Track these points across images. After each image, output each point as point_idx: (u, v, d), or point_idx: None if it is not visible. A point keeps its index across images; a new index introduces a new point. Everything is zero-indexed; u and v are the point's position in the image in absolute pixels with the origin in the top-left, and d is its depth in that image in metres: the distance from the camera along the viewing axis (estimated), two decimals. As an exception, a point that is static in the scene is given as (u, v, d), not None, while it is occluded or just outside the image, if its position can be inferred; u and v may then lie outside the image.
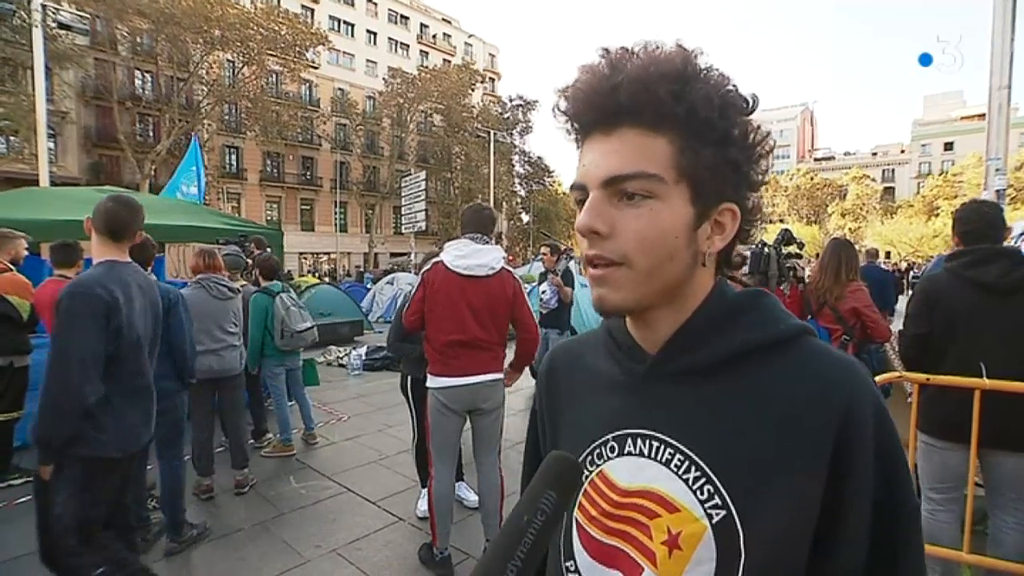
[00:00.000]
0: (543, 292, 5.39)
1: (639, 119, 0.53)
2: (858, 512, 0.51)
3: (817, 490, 0.51)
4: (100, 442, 1.88)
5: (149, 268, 2.79)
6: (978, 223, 2.31)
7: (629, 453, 0.59)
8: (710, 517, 0.53)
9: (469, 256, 2.59)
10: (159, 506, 2.97)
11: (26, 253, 3.93)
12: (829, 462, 0.51)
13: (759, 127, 0.57)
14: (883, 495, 0.51)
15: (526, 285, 4.93)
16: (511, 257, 33.22)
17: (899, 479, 0.52)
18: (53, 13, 11.62)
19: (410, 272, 14.33)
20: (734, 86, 0.55)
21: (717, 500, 0.53)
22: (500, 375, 2.69)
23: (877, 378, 2.58)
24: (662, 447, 0.57)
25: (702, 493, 0.53)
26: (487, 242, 2.67)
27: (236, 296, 3.77)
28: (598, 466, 0.61)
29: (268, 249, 5.54)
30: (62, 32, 13.45)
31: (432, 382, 2.63)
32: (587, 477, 0.62)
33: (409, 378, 3.34)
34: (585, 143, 0.57)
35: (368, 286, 15.58)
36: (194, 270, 3.63)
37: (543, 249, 5.60)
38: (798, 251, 3.84)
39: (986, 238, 2.26)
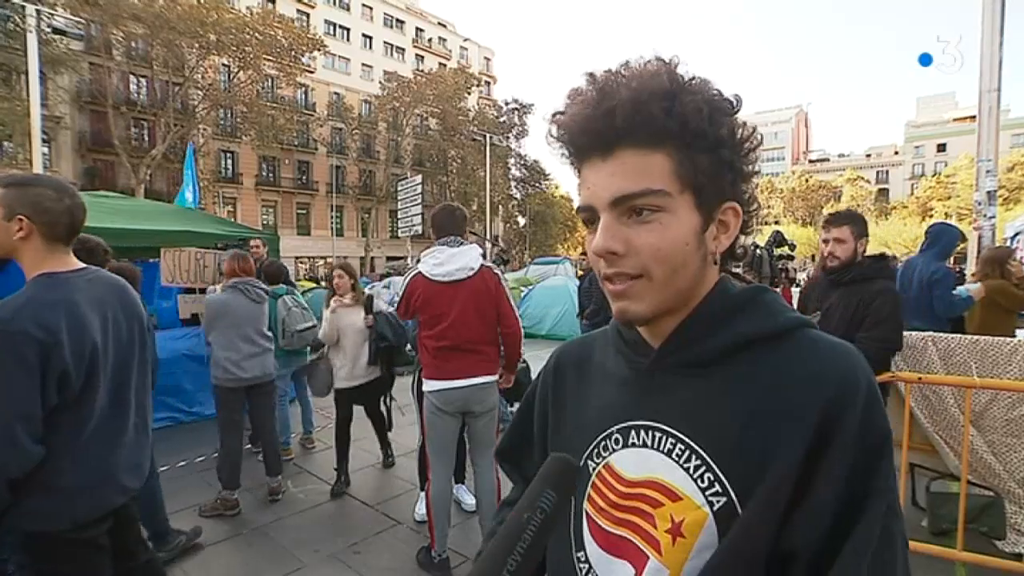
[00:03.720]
0: None
1: (635, 139, 0.55)
2: (826, 488, 0.50)
3: (801, 468, 0.51)
4: (38, 511, 1.39)
5: None
6: None
7: (633, 444, 0.61)
8: (711, 504, 0.54)
9: (446, 262, 2.59)
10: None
11: None
12: (810, 438, 0.51)
13: (745, 123, 0.59)
14: (857, 478, 0.50)
15: (522, 288, 4.90)
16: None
17: (877, 465, 0.51)
18: (47, 18, 11.61)
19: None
20: (717, 90, 0.57)
21: (717, 487, 0.54)
22: (492, 377, 2.70)
23: (871, 378, 2.61)
24: (664, 437, 0.59)
25: (703, 481, 0.55)
26: (462, 244, 2.67)
27: (267, 300, 3.77)
28: (604, 458, 0.63)
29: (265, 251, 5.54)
30: (56, 37, 13.44)
31: (426, 385, 2.66)
32: (594, 469, 0.64)
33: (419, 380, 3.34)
34: (584, 167, 0.59)
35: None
36: (228, 274, 3.63)
37: None
38: (790, 253, 3.88)
39: None
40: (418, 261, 2.73)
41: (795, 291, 4.13)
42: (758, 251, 3.74)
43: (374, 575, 2.76)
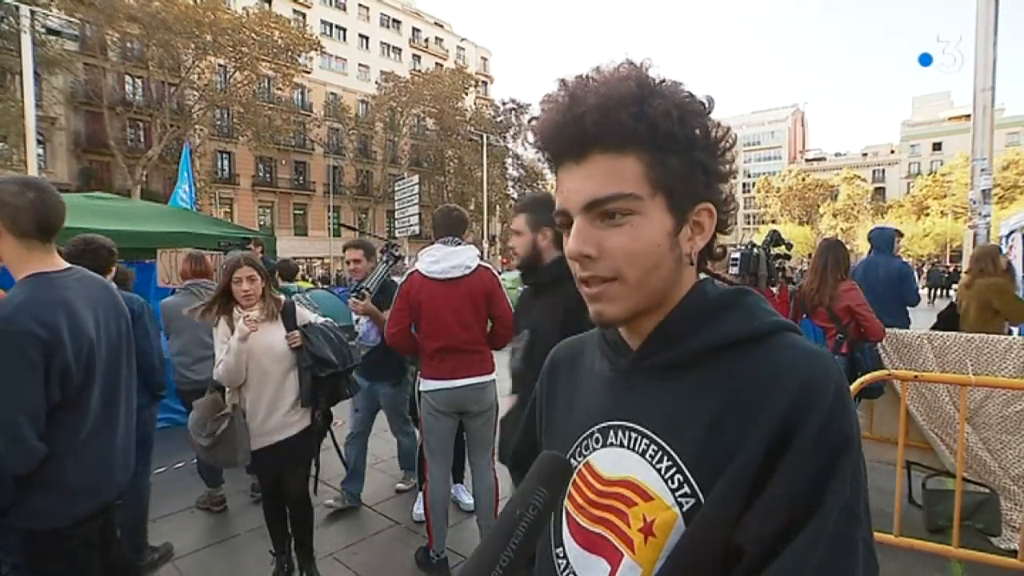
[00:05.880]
0: (356, 323, 3.44)
1: (605, 144, 0.56)
2: (780, 485, 0.49)
3: (760, 465, 0.51)
4: (39, 509, 1.41)
5: (108, 277, 2.39)
6: None
7: (611, 444, 0.62)
8: (681, 505, 0.55)
9: (442, 260, 2.60)
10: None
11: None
12: (771, 437, 0.51)
13: (718, 124, 0.60)
14: (814, 477, 0.49)
15: (520, 287, 4.85)
16: (505, 260, 33.19)
17: (836, 466, 0.49)
18: (42, 19, 11.56)
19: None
20: (688, 93, 0.58)
21: (687, 489, 0.55)
22: (489, 377, 2.71)
23: (867, 376, 2.62)
24: (639, 438, 0.60)
25: (673, 482, 0.56)
26: (459, 243, 2.68)
27: None
28: (585, 457, 0.65)
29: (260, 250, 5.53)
30: (51, 37, 13.40)
31: (423, 385, 2.66)
32: (576, 468, 0.65)
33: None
34: (559, 171, 0.60)
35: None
36: (183, 276, 3.59)
37: (347, 253, 3.48)
38: (787, 252, 3.90)
39: None
40: (416, 260, 2.74)
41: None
42: (755, 250, 3.75)
43: (372, 575, 2.76)
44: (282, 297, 2.63)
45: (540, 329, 1.85)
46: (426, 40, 43.39)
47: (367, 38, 39.44)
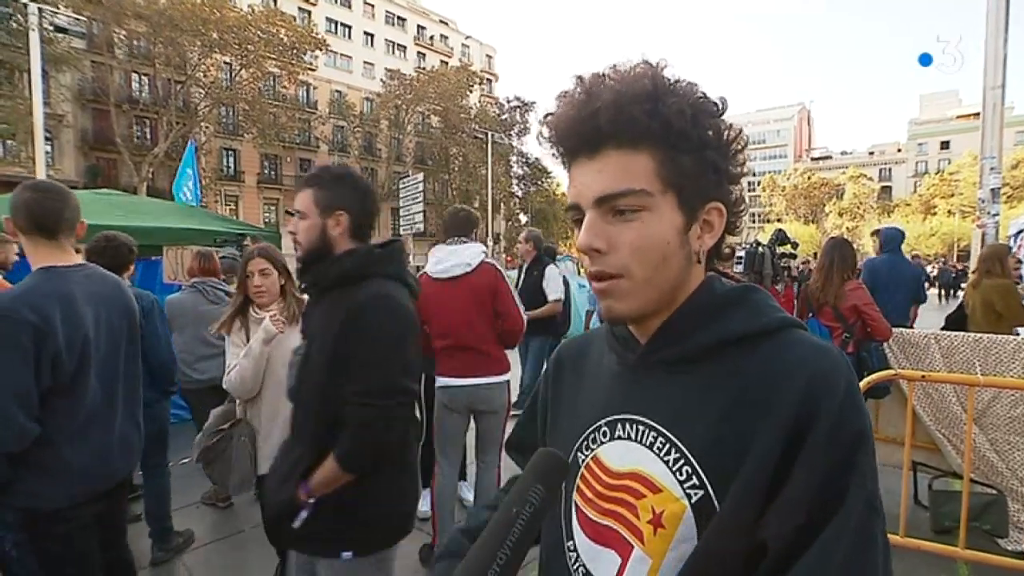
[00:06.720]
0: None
1: (619, 140, 0.57)
2: (799, 482, 0.50)
3: (777, 464, 0.51)
4: (38, 491, 1.49)
5: (126, 274, 2.51)
6: None
7: (619, 437, 0.63)
8: (689, 497, 0.55)
9: (445, 259, 2.61)
10: (143, 516, 2.95)
11: (17, 258, 3.87)
12: (785, 435, 0.51)
13: (731, 125, 0.60)
14: (833, 473, 0.49)
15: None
16: (509, 259, 33.23)
17: (854, 461, 0.50)
18: (50, 16, 11.63)
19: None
20: (703, 93, 0.59)
21: (695, 481, 0.55)
22: (499, 378, 2.69)
23: (874, 376, 2.60)
24: (647, 431, 0.60)
25: (681, 474, 0.56)
26: (464, 242, 2.68)
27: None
28: (593, 450, 0.65)
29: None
30: (59, 35, 13.48)
31: (437, 381, 2.69)
32: (583, 461, 0.66)
33: (424, 376, 3.31)
34: (572, 166, 0.61)
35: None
36: (190, 273, 3.60)
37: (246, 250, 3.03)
38: (792, 251, 3.89)
39: None
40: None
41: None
42: (760, 249, 3.74)
43: (376, 572, 2.76)
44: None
45: (316, 340, 1.41)
46: (431, 38, 43.39)
47: (372, 36, 39.47)
